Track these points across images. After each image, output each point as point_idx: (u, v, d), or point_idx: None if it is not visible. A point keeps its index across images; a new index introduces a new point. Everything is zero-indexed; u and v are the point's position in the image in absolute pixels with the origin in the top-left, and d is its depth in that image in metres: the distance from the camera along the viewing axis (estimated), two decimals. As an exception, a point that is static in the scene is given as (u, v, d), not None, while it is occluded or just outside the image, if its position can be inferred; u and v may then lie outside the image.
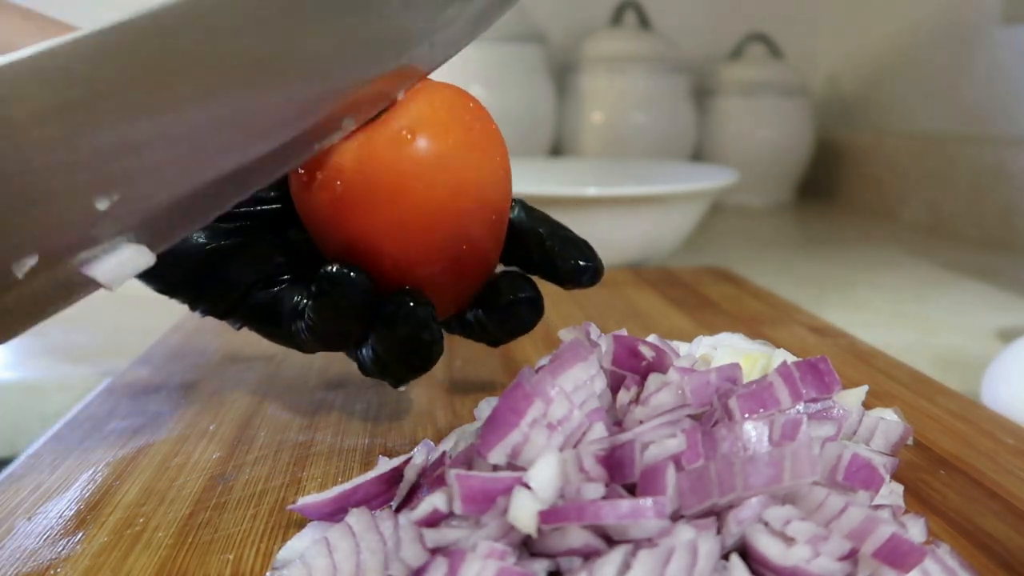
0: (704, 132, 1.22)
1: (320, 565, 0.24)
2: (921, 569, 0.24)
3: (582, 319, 0.55)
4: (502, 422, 0.25)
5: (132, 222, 0.24)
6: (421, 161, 0.30)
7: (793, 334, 0.52)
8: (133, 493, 0.32)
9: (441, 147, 0.30)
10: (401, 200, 0.30)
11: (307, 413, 0.39)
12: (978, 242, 0.96)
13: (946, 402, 0.40)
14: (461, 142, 0.31)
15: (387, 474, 0.29)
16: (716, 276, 0.68)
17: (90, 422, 0.39)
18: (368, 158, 0.30)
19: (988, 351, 0.54)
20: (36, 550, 0.28)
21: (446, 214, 0.31)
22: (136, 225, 0.24)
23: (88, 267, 0.24)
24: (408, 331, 0.31)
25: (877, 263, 0.86)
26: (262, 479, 0.33)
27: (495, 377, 0.44)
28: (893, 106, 1.21)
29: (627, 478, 0.24)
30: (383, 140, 0.30)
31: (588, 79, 1.15)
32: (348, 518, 0.26)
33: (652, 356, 0.30)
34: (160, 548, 0.28)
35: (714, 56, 1.27)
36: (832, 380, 0.30)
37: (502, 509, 0.23)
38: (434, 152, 0.30)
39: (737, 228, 1.09)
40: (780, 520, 0.24)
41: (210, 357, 0.48)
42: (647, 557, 0.22)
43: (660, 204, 0.74)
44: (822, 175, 1.29)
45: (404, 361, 0.33)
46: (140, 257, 0.24)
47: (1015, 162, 0.92)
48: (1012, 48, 0.96)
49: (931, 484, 0.32)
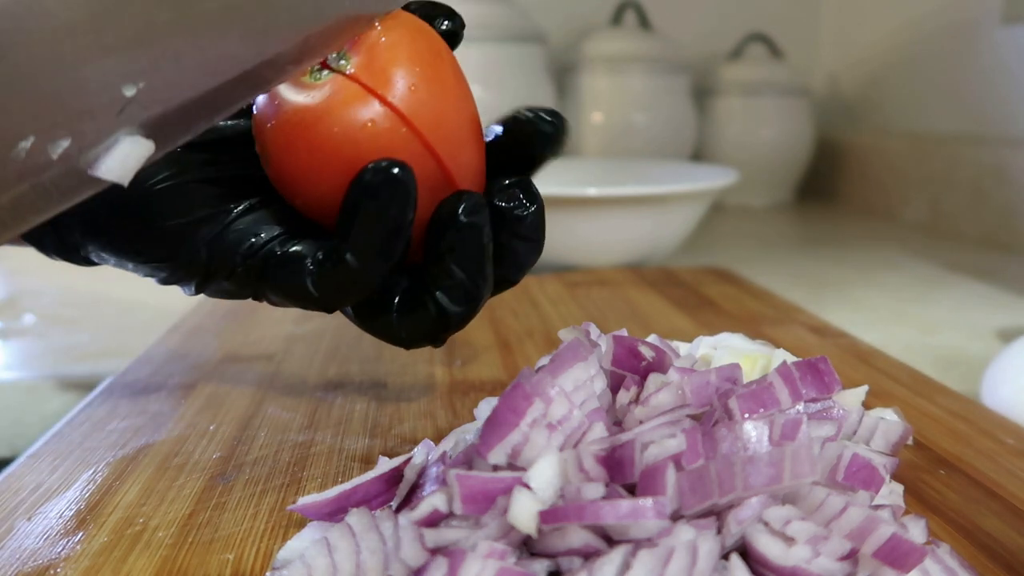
0: (704, 132, 1.22)
1: (320, 565, 0.24)
2: (921, 569, 0.24)
3: (582, 319, 0.55)
4: (502, 422, 0.25)
5: (151, 114, 0.24)
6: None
7: (793, 334, 0.52)
8: (133, 493, 0.32)
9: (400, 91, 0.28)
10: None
11: (307, 413, 0.39)
12: (978, 242, 0.96)
13: (946, 402, 0.40)
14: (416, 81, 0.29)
15: (387, 474, 0.29)
16: (716, 276, 0.68)
17: (90, 422, 0.39)
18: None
19: (988, 351, 0.54)
20: (36, 550, 0.28)
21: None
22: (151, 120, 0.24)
23: (96, 166, 0.24)
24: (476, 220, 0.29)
25: (877, 263, 0.86)
26: (262, 479, 0.33)
27: (495, 377, 0.44)
28: (893, 106, 1.21)
29: (627, 478, 0.24)
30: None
31: (588, 79, 1.15)
32: (348, 518, 0.26)
33: (652, 356, 0.30)
34: (160, 548, 0.28)
35: (714, 56, 1.27)
36: (832, 380, 0.30)
37: (502, 509, 0.23)
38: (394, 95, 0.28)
39: (737, 228, 1.09)
40: (780, 520, 0.24)
41: (210, 357, 0.48)
42: (647, 557, 0.22)
43: (660, 204, 0.74)
44: (822, 175, 1.29)
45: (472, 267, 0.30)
46: (141, 148, 0.25)
47: (1015, 162, 0.92)
48: (1012, 48, 0.96)
49: (931, 484, 0.32)
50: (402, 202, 0.28)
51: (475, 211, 0.30)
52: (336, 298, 0.31)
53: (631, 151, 1.14)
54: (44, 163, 0.23)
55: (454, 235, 0.30)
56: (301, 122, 0.28)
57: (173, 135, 0.26)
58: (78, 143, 0.23)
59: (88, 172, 0.24)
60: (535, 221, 0.32)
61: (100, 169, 0.24)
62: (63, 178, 0.24)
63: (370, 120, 0.28)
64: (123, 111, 0.23)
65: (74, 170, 0.24)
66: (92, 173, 0.24)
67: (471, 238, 0.30)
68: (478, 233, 0.30)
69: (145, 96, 0.24)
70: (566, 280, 0.67)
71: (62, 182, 0.24)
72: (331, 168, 0.29)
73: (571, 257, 0.75)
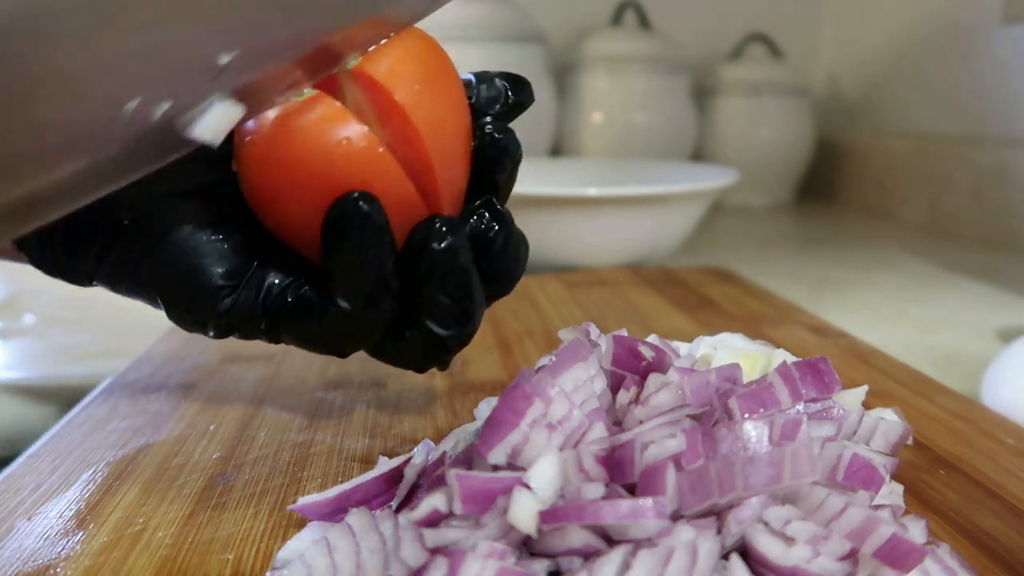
0: (704, 132, 1.22)
1: (320, 565, 0.24)
2: (921, 569, 0.24)
3: (582, 319, 0.55)
4: (502, 422, 0.25)
5: (242, 80, 0.25)
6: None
7: (793, 334, 0.52)
8: (133, 493, 0.32)
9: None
10: None
11: (307, 413, 0.39)
12: (978, 242, 0.96)
13: (946, 402, 0.40)
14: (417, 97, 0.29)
15: (387, 474, 0.29)
16: (716, 276, 0.68)
17: (90, 422, 0.39)
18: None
19: (988, 351, 0.54)
20: (36, 550, 0.28)
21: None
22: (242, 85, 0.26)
23: (191, 127, 0.25)
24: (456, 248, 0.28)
25: (877, 263, 0.86)
26: (262, 479, 0.33)
27: (495, 377, 0.44)
28: (893, 106, 1.21)
29: (627, 478, 0.24)
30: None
31: (588, 79, 1.15)
32: (348, 518, 0.26)
33: (652, 356, 0.30)
34: (160, 548, 0.28)
35: (714, 56, 1.27)
36: (832, 380, 0.30)
37: (502, 509, 0.23)
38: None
39: (737, 228, 1.09)
40: (780, 520, 0.24)
41: (210, 357, 0.48)
42: (647, 557, 0.22)
43: (660, 204, 0.74)
44: (822, 175, 1.29)
45: (460, 294, 0.29)
46: (233, 110, 0.26)
47: (1015, 162, 0.92)
48: (1012, 48, 0.96)
49: (931, 484, 0.32)
50: (378, 233, 0.27)
51: (449, 234, 0.28)
52: (346, 343, 0.30)
53: (631, 151, 1.14)
54: (147, 122, 0.24)
55: (431, 262, 0.29)
56: (274, 138, 0.28)
57: (260, 100, 0.27)
58: (177, 105, 0.24)
59: (183, 134, 0.25)
60: (508, 238, 0.31)
61: (195, 130, 0.25)
62: (161, 138, 0.25)
63: (346, 138, 0.27)
64: (218, 77, 0.25)
65: (171, 131, 0.25)
66: (187, 135, 0.25)
67: (449, 262, 0.29)
68: (454, 256, 0.29)
69: (238, 63, 0.25)
70: (566, 280, 0.67)
71: (160, 142, 0.25)
72: (303, 189, 0.28)
73: (571, 257, 0.75)
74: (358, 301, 0.28)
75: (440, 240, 0.28)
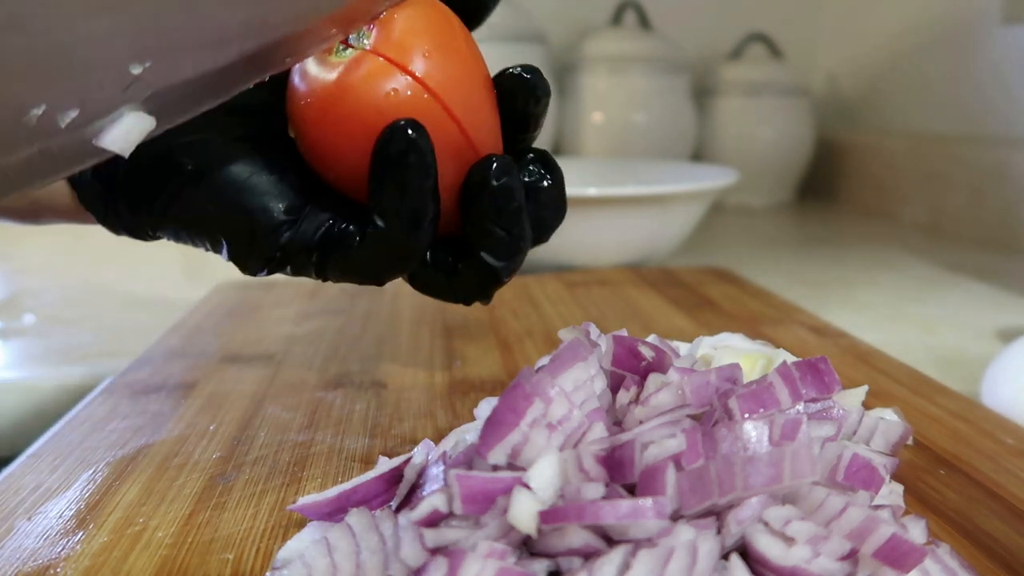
0: (704, 132, 1.22)
1: (320, 565, 0.24)
2: (921, 569, 0.24)
3: (582, 319, 0.55)
4: (502, 422, 0.25)
5: (154, 91, 0.26)
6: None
7: (793, 334, 0.52)
8: (133, 493, 0.32)
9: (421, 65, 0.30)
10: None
11: (307, 413, 0.39)
12: (978, 242, 0.96)
13: (946, 402, 0.40)
14: (436, 58, 0.31)
15: (387, 474, 0.29)
16: (716, 276, 0.69)
17: (90, 422, 0.39)
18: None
19: (988, 351, 0.54)
20: (36, 550, 0.28)
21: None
22: (155, 96, 0.26)
23: (100, 136, 0.25)
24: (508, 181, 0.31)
25: (877, 263, 0.86)
26: (262, 479, 0.33)
27: (495, 377, 0.44)
28: (893, 106, 1.21)
29: (627, 478, 0.24)
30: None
31: (588, 79, 1.15)
32: (348, 518, 0.26)
33: (652, 356, 0.30)
34: (160, 548, 0.28)
35: (714, 56, 1.27)
36: (832, 380, 0.30)
37: (502, 509, 0.23)
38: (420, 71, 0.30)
39: (737, 228, 1.09)
40: (780, 520, 0.24)
41: (210, 357, 0.48)
42: (647, 557, 0.22)
43: (660, 204, 0.74)
44: (822, 175, 1.29)
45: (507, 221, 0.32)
46: (143, 122, 0.26)
47: (1015, 162, 0.92)
48: (1012, 48, 0.96)
49: (931, 484, 0.32)
50: (421, 156, 0.29)
51: (505, 172, 0.31)
52: (387, 269, 0.32)
53: (631, 151, 1.14)
54: (53, 130, 0.24)
55: (490, 198, 0.31)
56: (328, 97, 0.30)
57: (175, 112, 0.27)
58: (85, 114, 0.25)
59: (92, 142, 0.25)
60: (557, 190, 0.34)
61: (104, 140, 0.25)
62: (69, 146, 0.25)
63: (392, 90, 0.29)
64: (129, 88, 0.25)
65: (80, 139, 0.25)
66: (96, 143, 0.25)
67: (506, 198, 0.31)
68: (511, 192, 0.31)
69: (150, 75, 0.25)
70: (566, 280, 0.67)
71: (68, 149, 0.25)
72: (358, 139, 0.30)
73: (571, 257, 0.75)
74: (401, 222, 0.30)
75: (500, 177, 0.31)
